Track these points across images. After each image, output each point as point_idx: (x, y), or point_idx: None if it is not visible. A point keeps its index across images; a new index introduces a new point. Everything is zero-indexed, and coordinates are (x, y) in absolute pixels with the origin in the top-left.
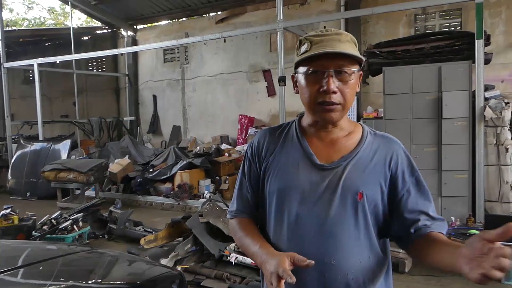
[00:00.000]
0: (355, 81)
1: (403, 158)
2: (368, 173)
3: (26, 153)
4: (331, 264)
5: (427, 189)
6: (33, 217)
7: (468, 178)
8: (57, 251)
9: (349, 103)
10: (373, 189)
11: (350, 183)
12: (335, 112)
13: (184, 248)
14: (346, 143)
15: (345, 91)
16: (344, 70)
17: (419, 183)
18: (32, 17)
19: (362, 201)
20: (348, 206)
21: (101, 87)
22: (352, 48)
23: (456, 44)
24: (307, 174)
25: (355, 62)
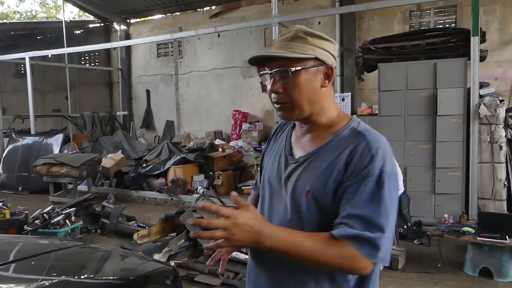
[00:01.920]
0: (306, 77)
1: (359, 156)
2: (323, 171)
3: (17, 147)
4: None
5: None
6: (25, 211)
7: (462, 176)
8: (49, 246)
9: (299, 101)
10: (323, 189)
11: (303, 180)
12: (285, 111)
13: (177, 243)
14: (319, 139)
15: (290, 90)
16: (282, 70)
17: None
18: (24, 10)
19: (309, 200)
20: (297, 203)
21: (94, 81)
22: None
23: (451, 41)
24: (280, 168)
25: (303, 59)
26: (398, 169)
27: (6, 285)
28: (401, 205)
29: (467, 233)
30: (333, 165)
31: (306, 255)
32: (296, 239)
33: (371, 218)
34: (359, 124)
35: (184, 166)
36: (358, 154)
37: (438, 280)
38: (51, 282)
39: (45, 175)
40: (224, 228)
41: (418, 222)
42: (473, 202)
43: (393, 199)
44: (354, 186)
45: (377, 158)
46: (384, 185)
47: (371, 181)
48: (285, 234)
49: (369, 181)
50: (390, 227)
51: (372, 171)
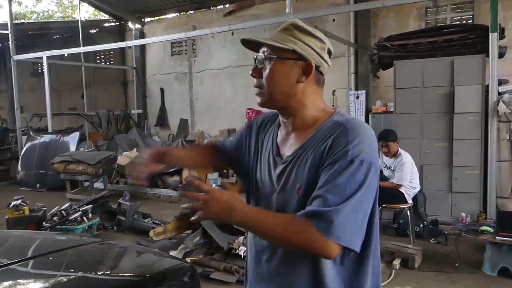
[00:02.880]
0: (279, 68)
1: (338, 142)
2: (309, 166)
3: (35, 145)
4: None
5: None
6: (43, 208)
7: (480, 174)
8: (68, 242)
9: (270, 89)
10: (310, 183)
11: (292, 178)
12: (259, 96)
13: (193, 240)
14: (302, 136)
15: (263, 77)
16: (259, 58)
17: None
18: (41, 10)
19: (300, 196)
20: (291, 203)
21: (109, 80)
22: (286, 34)
23: (469, 37)
24: (269, 168)
25: (282, 50)
26: (414, 168)
27: (25, 281)
28: (417, 204)
29: (485, 232)
30: (317, 157)
31: (268, 231)
32: (262, 216)
33: (330, 195)
34: (342, 116)
35: None
36: (336, 141)
37: (456, 280)
38: (69, 278)
39: (62, 173)
40: (202, 200)
41: (434, 221)
42: (491, 201)
43: (360, 184)
44: (325, 170)
45: (353, 144)
46: (355, 169)
47: (342, 164)
48: (253, 210)
49: (340, 164)
50: (349, 208)
51: (345, 155)
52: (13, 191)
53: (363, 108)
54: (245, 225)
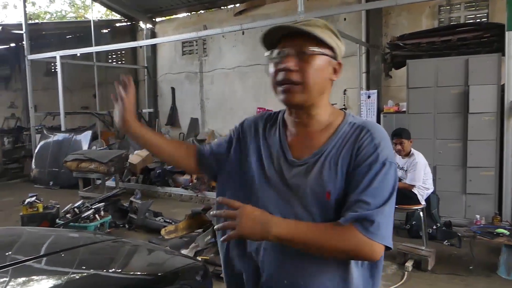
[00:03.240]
0: (321, 63)
1: (366, 145)
2: (336, 169)
3: (49, 143)
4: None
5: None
6: (57, 205)
7: (495, 175)
8: (82, 240)
9: (311, 84)
10: (341, 188)
11: (318, 182)
12: (294, 93)
13: (204, 239)
14: (320, 137)
15: (306, 71)
16: (304, 50)
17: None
18: (54, 10)
19: (330, 200)
20: (315, 207)
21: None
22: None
23: (484, 36)
24: (280, 169)
25: (322, 46)
26: (427, 168)
27: (39, 277)
28: (430, 205)
29: (501, 235)
30: (345, 162)
31: (312, 241)
32: (302, 227)
33: (371, 199)
34: (354, 118)
35: None
36: (363, 145)
37: (470, 283)
38: (82, 275)
39: (74, 171)
40: (233, 216)
41: (448, 222)
42: (507, 203)
43: (393, 185)
44: (359, 174)
45: (380, 147)
46: (386, 171)
47: (374, 168)
48: (290, 222)
49: (373, 168)
50: (388, 209)
51: (377, 158)
52: (27, 189)
53: (375, 108)
54: (286, 238)
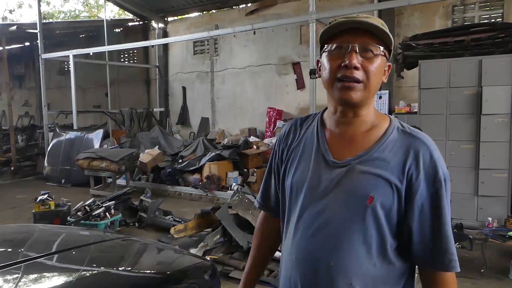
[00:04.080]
0: (381, 64)
1: (425, 162)
2: (383, 176)
3: (61, 141)
4: (329, 266)
5: (445, 206)
6: (68, 203)
7: (508, 177)
8: (93, 238)
9: (373, 84)
10: (386, 194)
11: (360, 185)
12: (355, 91)
13: (213, 239)
14: (365, 139)
15: (369, 69)
16: (370, 48)
17: (437, 198)
18: (68, 9)
19: (372, 205)
20: (356, 209)
21: (133, 78)
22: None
23: (499, 36)
24: (318, 170)
25: (383, 44)
26: None
27: (51, 274)
28: None
29: None
30: (394, 168)
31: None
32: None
33: (451, 238)
34: (402, 124)
35: (219, 163)
36: (421, 160)
37: (481, 286)
38: (92, 273)
39: (86, 169)
40: None
41: (459, 225)
42: None
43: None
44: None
45: (439, 161)
46: (448, 190)
47: (441, 193)
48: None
49: (440, 193)
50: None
51: (440, 177)
52: (39, 186)
53: (386, 109)
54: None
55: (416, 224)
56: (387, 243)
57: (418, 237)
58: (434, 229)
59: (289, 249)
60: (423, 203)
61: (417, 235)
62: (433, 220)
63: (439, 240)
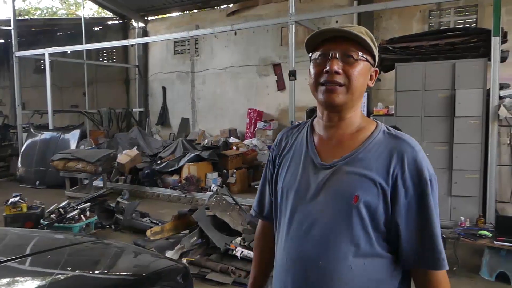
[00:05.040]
0: (363, 68)
1: (410, 162)
2: (367, 175)
3: (36, 142)
4: (319, 267)
5: (431, 206)
6: (42, 205)
7: (480, 178)
8: (63, 241)
9: (355, 87)
10: (371, 194)
11: (346, 185)
12: (337, 93)
13: (190, 240)
14: (352, 141)
15: (351, 73)
16: (350, 54)
17: (424, 198)
18: (44, 6)
19: (357, 204)
20: (342, 209)
21: (111, 78)
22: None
23: (471, 41)
24: (306, 173)
25: (365, 51)
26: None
27: (22, 278)
28: None
29: (484, 237)
30: (379, 169)
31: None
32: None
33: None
34: (389, 128)
35: (198, 164)
36: (406, 161)
37: (453, 285)
38: (63, 276)
39: (61, 170)
40: None
41: None
42: (490, 205)
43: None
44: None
45: (423, 162)
46: (435, 190)
47: (426, 192)
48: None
49: (426, 192)
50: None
51: (425, 177)
52: (12, 188)
53: (365, 111)
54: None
55: (403, 224)
56: (375, 243)
57: (406, 236)
58: (422, 228)
59: (280, 252)
60: (410, 203)
61: (405, 235)
62: (420, 220)
63: (427, 239)
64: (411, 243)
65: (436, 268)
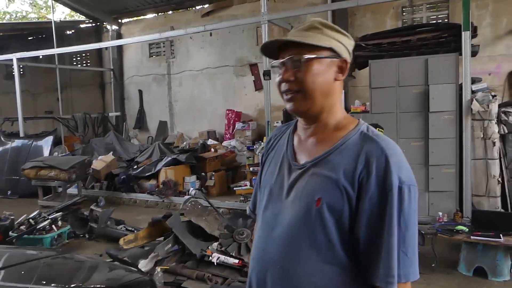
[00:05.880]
0: (319, 67)
1: (378, 166)
2: (332, 177)
3: (6, 150)
4: (279, 269)
5: (393, 215)
6: (11, 216)
7: (456, 173)
8: (19, 257)
9: (311, 90)
10: (335, 197)
11: (310, 187)
12: (296, 101)
13: (164, 248)
14: (326, 142)
15: (302, 78)
16: (295, 58)
17: (386, 206)
18: (13, 10)
19: (320, 207)
20: (305, 212)
21: (86, 82)
22: (316, 35)
23: (442, 36)
24: (282, 173)
25: (318, 49)
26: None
27: None
28: None
29: (460, 232)
30: (345, 172)
31: None
32: None
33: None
34: (368, 128)
35: (175, 168)
36: (374, 164)
37: (432, 281)
38: None
39: (33, 179)
40: None
41: None
42: (467, 199)
43: (414, 210)
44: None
45: (394, 166)
46: (405, 199)
47: (389, 201)
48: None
49: (388, 201)
50: (415, 240)
51: (392, 183)
52: None
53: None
54: None
55: (363, 234)
56: (339, 250)
57: (363, 248)
58: (379, 238)
59: (252, 248)
60: (372, 210)
61: (363, 246)
62: (378, 231)
63: (382, 253)
64: (368, 255)
65: (383, 285)
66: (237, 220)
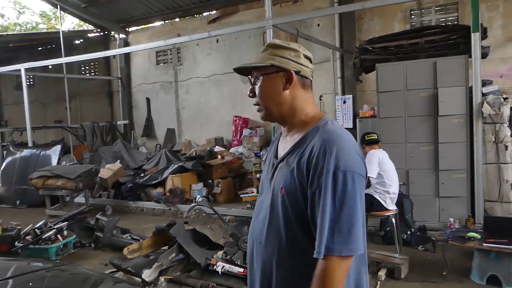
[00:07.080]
0: (265, 83)
1: (319, 154)
2: (292, 169)
3: (15, 160)
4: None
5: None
6: (18, 226)
7: (467, 178)
8: (12, 270)
9: (265, 102)
10: (292, 186)
11: (279, 178)
12: (260, 112)
13: (168, 257)
14: (294, 140)
15: (257, 93)
16: (251, 78)
17: (323, 188)
18: (23, 21)
19: (283, 195)
20: (275, 199)
21: (94, 91)
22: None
23: (451, 38)
24: (268, 169)
25: (262, 68)
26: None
27: None
28: (403, 210)
29: (472, 239)
30: (297, 162)
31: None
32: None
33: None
34: (326, 123)
35: (182, 175)
36: (315, 153)
37: None
38: None
39: (41, 188)
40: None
41: (422, 227)
42: (479, 205)
43: (352, 193)
44: (317, 191)
45: (331, 154)
46: (338, 182)
47: (327, 183)
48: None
49: (325, 183)
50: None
51: (327, 169)
52: None
53: (351, 113)
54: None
55: (309, 212)
56: (299, 232)
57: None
58: (319, 217)
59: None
60: (313, 193)
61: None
62: (317, 209)
63: (318, 228)
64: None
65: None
66: (242, 227)
